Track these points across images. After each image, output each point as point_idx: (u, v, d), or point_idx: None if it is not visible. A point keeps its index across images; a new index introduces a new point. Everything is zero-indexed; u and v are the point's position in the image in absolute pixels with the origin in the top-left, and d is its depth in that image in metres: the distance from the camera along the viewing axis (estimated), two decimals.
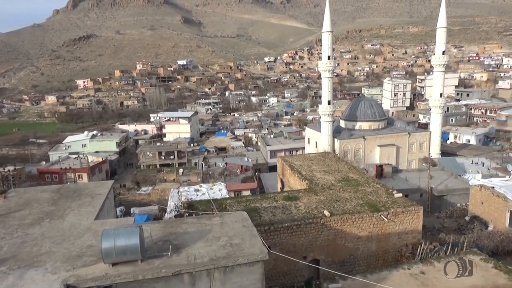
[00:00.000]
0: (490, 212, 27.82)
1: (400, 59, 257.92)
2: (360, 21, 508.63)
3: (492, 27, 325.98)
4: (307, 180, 26.44)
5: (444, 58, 59.32)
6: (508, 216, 25.75)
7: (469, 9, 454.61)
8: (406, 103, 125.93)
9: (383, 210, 20.98)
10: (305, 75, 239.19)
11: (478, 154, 59.74)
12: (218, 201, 23.53)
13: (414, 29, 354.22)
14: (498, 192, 27.19)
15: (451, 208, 36.74)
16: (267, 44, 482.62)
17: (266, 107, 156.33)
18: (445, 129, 73.62)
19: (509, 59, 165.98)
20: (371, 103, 63.13)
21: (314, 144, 60.65)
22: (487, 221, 27.87)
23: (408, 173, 50.16)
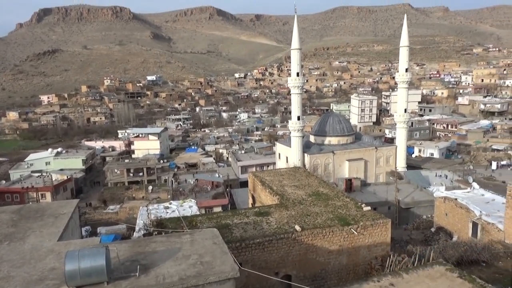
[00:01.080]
0: (454, 223, 28.77)
1: (366, 76, 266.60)
2: (327, 39, 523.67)
3: (451, 47, 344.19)
4: (278, 195, 26.49)
5: (407, 75, 61.86)
6: (470, 226, 26.70)
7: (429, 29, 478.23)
8: (372, 118, 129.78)
9: (352, 223, 21.26)
10: (275, 91, 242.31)
11: (441, 167, 62.09)
12: (188, 218, 23.11)
13: (379, 48, 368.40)
14: (461, 203, 28.21)
15: (417, 220, 37.75)
16: (237, 61, 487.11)
17: (237, 122, 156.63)
18: (410, 143, 76.17)
19: (466, 77, 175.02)
20: (340, 118, 64.58)
21: (284, 159, 61.10)
22: (452, 232, 28.78)
23: (376, 187, 51.33)
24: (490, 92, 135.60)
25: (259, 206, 27.76)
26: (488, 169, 59.32)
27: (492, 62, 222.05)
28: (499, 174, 54.95)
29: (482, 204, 27.74)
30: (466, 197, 29.21)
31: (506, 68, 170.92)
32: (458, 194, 30.60)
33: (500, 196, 28.33)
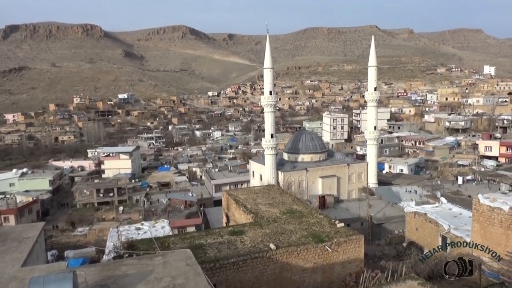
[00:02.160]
0: (424, 238, 29.40)
1: (337, 95, 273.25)
2: (299, 59, 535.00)
3: (416, 67, 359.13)
4: (252, 214, 26.35)
5: (376, 94, 63.81)
6: (440, 240, 27.35)
7: (395, 50, 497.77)
8: (344, 135, 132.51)
9: (326, 240, 21.36)
10: (249, 109, 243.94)
11: (411, 183, 63.69)
12: (160, 239, 22.56)
13: (349, 67, 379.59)
14: (430, 218, 28.93)
15: (389, 235, 38.33)
16: (211, 79, 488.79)
17: (210, 140, 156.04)
18: (380, 159, 77.98)
19: (432, 95, 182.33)
20: (312, 136, 65.53)
21: (258, 177, 61.08)
22: (423, 246, 29.36)
23: (349, 203, 51.96)
24: (454, 110, 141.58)
25: (233, 225, 27.49)
26: (455, 184, 61.32)
27: (455, 82, 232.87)
28: (465, 188, 56.88)
29: (450, 218, 28.55)
30: (435, 212, 30.00)
31: (468, 87, 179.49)
32: (427, 209, 31.37)
33: (467, 210, 29.26)
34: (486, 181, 61.61)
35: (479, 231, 22.98)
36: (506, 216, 21.14)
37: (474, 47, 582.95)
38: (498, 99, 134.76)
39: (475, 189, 52.94)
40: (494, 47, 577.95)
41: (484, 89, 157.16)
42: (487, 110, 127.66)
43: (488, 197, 22.79)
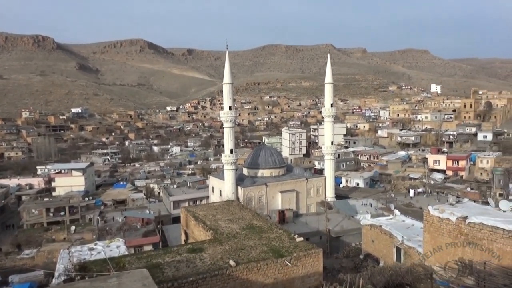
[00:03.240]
0: (380, 249, 30.26)
1: (296, 110, 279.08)
2: (258, 75, 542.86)
3: (370, 84, 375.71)
4: (211, 230, 25.97)
5: (332, 110, 65.88)
6: (395, 251, 28.27)
7: (350, 68, 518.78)
8: (302, 150, 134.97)
9: (286, 255, 21.42)
10: (208, 125, 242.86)
11: (366, 196, 65.78)
12: (115, 259, 21.61)
13: (306, 84, 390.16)
14: (385, 230, 29.88)
15: (347, 248, 39.11)
16: (169, 94, 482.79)
17: (169, 156, 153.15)
18: (337, 174, 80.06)
19: (384, 112, 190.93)
20: (271, 151, 66.21)
21: (218, 193, 60.55)
22: (378, 258, 30.19)
23: (308, 217, 52.66)
24: (405, 126, 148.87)
25: (192, 242, 26.92)
26: (407, 196, 64.09)
27: (406, 99, 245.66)
28: (416, 200, 59.59)
29: (404, 229, 29.64)
30: (389, 224, 31.02)
31: (417, 104, 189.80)
32: (382, 221, 32.38)
33: (419, 221, 30.52)
34: (435, 193, 64.91)
35: (429, 241, 24.00)
36: (453, 226, 22.27)
37: (421, 66, 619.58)
38: (444, 115, 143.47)
39: (426, 201, 55.60)
40: (440, 67, 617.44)
41: (432, 106, 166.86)
42: (435, 126, 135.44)
43: (437, 208, 23.93)
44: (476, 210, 23.44)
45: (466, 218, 21.67)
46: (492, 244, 20.09)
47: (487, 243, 20.37)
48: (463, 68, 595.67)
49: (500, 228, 19.94)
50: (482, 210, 23.59)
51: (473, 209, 23.47)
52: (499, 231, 19.91)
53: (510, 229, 19.59)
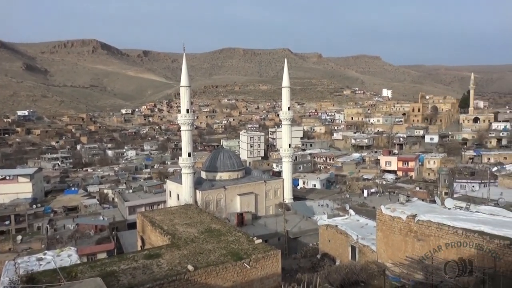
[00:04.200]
0: (336, 248, 31.13)
1: (254, 113, 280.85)
2: (216, 78, 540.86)
3: (325, 88, 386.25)
4: (169, 235, 25.48)
5: (289, 113, 66.96)
6: (350, 250, 29.19)
7: (307, 73, 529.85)
8: (261, 153, 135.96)
9: (245, 257, 21.45)
10: (165, 128, 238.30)
11: (323, 197, 67.44)
12: (67, 269, 20.59)
13: (264, 87, 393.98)
14: (341, 229, 30.79)
15: (305, 248, 39.85)
16: (124, 96, 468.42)
17: (124, 160, 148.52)
18: (295, 176, 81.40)
19: (339, 115, 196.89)
20: (230, 154, 66.12)
21: (176, 197, 59.55)
22: (335, 257, 31.02)
23: (267, 219, 53.08)
24: (358, 129, 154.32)
25: (149, 248, 26.24)
26: (361, 196, 66.41)
27: (359, 103, 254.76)
28: (370, 200, 61.91)
29: (358, 228, 30.68)
30: (344, 223, 31.99)
31: (370, 108, 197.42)
32: (338, 221, 33.33)
33: (372, 220, 31.71)
34: (387, 193, 67.78)
35: (382, 239, 25.03)
36: (404, 224, 23.38)
37: (373, 72, 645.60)
38: (395, 119, 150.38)
39: (378, 200, 57.89)
40: (390, 72, 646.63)
41: (383, 110, 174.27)
42: (386, 129, 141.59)
43: (389, 207, 25.02)
44: (424, 208, 24.78)
45: (415, 216, 22.83)
46: (439, 240, 21.30)
47: (435, 239, 21.56)
48: (411, 74, 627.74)
49: (446, 224, 21.20)
50: (430, 208, 24.98)
51: (421, 208, 24.78)
52: (445, 228, 21.15)
53: (455, 226, 20.88)
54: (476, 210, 23.61)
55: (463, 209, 23.98)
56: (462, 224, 20.72)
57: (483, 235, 19.38)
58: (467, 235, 19.98)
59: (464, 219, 21.52)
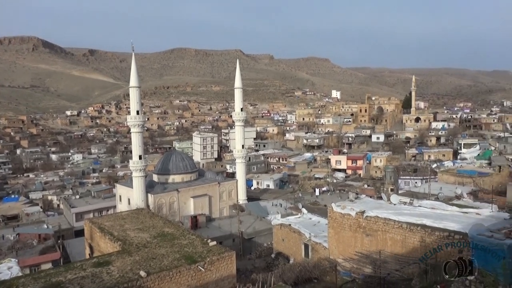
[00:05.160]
0: (290, 247, 31.68)
1: (206, 115, 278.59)
2: (167, 78, 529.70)
3: (277, 89, 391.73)
4: (119, 241, 24.62)
5: (242, 114, 67.22)
6: (303, 248, 29.84)
7: (259, 74, 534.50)
8: (214, 154, 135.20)
9: (199, 260, 21.25)
10: (114, 130, 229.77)
11: (277, 197, 68.33)
12: (6, 282, 19.27)
13: (216, 88, 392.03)
14: (294, 228, 31.38)
15: (259, 249, 40.14)
16: (69, 97, 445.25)
17: (70, 165, 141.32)
18: (248, 176, 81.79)
19: (291, 116, 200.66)
20: (183, 156, 65.18)
21: (126, 201, 57.65)
22: (289, 255, 31.57)
23: (221, 221, 52.85)
24: (310, 129, 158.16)
25: (98, 255, 25.18)
26: (313, 195, 68.08)
27: (310, 104, 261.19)
28: (322, 199, 63.62)
29: (311, 226, 31.44)
30: (297, 222, 32.65)
31: (320, 109, 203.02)
32: (291, 220, 33.95)
33: (324, 218, 32.62)
34: (338, 191, 70.04)
35: (334, 236, 25.84)
36: (353, 220, 24.30)
37: (323, 74, 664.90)
38: (344, 119, 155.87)
39: (329, 198, 59.64)
40: (339, 74, 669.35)
41: (333, 111, 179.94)
42: (336, 129, 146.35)
43: (339, 205, 25.90)
44: (372, 204, 25.91)
45: (364, 213, 23.81)
46: (386, 234, 22.38)
47: (382, 233, 22.62)
48: (358, 76, 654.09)
49: (392, 219, 22.31)
50: (377, 204, 26.16)
51: (369, 204, 25.89)
52: (391, 222, 22.25)
53: (400, 220, 22.04)
54: (418, 205, 25.06)
55: (407, 204, 25.37)
56: (406, 219, 21.90)
57: (425, 228, 20.62)
58: (411, 228, 21.16)
59: (408, 213, 22.77)
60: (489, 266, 14.05)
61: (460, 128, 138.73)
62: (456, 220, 20.80)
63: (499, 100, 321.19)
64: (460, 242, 17.75)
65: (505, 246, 13.95)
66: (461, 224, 19.66)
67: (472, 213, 22.47)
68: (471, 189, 44.89)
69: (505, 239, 14.43)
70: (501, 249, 13.96)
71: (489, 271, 13.93)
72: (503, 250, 13.86)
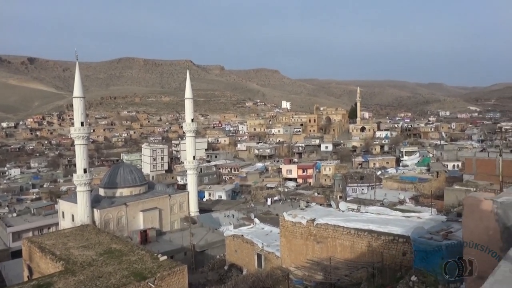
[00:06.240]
0: (242, 258, 31.53)
1: (156, 126, 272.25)
2: (114, 88, 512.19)
3: (228, 100, 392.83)
4: (62, 261, 23.16)
5: (193, 125, 66.50)
6: (256, 258, 29.82)
7: (209, 84, 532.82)
8: (164, 166, 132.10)
9: (149, 276, 20.53)
10: (56, 142, 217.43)
11: (229, 208, 67.95)
12: None
13: (166, 99, 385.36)
14: (247, 238, 31.32)
15: (212, 261, 39.53)
16: (5, 108, 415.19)
17: (6, 180, 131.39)
18: (200, 188, 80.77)
19: (242, 126, 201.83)
20: (131, 168, 63.05)
21: (70, 218, 54.51)
22: (242, 267, 31.39)
23: (172, 234, 51.55)
24: (261, 139, 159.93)
25: (38, 277, 23.49)
26: (265, 205, 68.59)
27: (261, 114, 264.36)
28: (274, 208, 64.21)
29: (263, 236, 31.55)
30: (250, 232, 32.63)
31: (271, 119, 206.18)
32: (243, 230, 33.85)
33: (276, 227, 32.90)
34: (289, 200, 71.12)
35: (285, 245, 26.10)
36: (304, 228, 24.73)
37: (273, 85, 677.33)
38: (294, 129, 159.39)
39: (281, 207, 60.32)
40: (289, 85, 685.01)
41: (283, 121, 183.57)
42: (286, 139, 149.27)
43: (291, 213, 26.26)
44: (322, 212, 26.55)
45: (314, 220, 24.33)
46: (335, 241, 22.99)
47: (332, 240, 23.21)
48: (307, 87, 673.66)
49: (341, 226, 22.98)
50: (327, 212, 26.85)
51: (319, 212, 26.52)
52: (340, 229, 22.91)
53: (348, 226, 22.76)
54: (365, 211, 26.07)
55: (355, 211, 26.30)
56: (354, 225, 22.66)
57: (372, 233, 21.45)
58: (359, 234, 21.92)
59: (356, 219, 23.58)
60: (429, 267, 14.88)
61: (402, 136, 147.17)
62: (399, 224, 21.86)
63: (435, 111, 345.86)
64: (403, 245, 18.67)
65: (443, 247, 14.87)
66: (404, 228, 20.69)
67: (414, 217, 23.74)
68: (413, 194, 47.60)
69: (443, 241, 15.39)
70: (439, 250, 14.85)
71: (430, 272, 14.74)
72: (442, 251, 14.76)
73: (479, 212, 5.13)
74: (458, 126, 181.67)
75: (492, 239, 5.02)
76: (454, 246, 14.50)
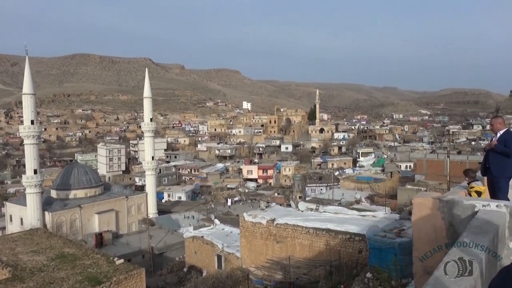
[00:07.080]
0: (202, 259, 31.26)
1: (113, 125, 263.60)
2: (68, 85, 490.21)
3: (188, 100, 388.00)
4: (9, 267, 21.88)
5: (152, 124, 65.11)
6: (216, 259, 29.68)
7: (169, 84, 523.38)
8: (122, 167, 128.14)
9: (105, 281, 19.89)
10: (3, 141, 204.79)
11: (189, 209, 67.16)
12: None
13: (124, 97, 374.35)
14: (207, 240, 31.09)
15: (171, 263, 38.92)
16: None
17: None
18: (159, 189, 79.15)
19: (203, 126, 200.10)
20: (86, 169, 60.76)
21: (18, 221, 51.62)
22: (202, 268, 31.11)
23: (129, 237, 50.23)
24: (222, 140, 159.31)
25: None
26: (226, 205, 68.45)
27: (222, 115, 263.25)
28: (234, 209, 64.24)
29: (224, 237, 31.47)
30: (210, 233, 32.43)
31: (232, 120, 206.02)
32: (203, 231, 33.59)
33: (236, 228, 32.93)
34: (249, 200, 71.43)
35: (246, 245, 26.19)
36: (264, 228, 24.94)
37: (234, 85, 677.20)
38: (254, 130, 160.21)
39: (242, 208, 60.39)
40: (249, 86, 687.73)
41: (244, 121, 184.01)
42: (247, 139, 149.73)
43: (251, 214, 26.40)
44: (282, 212, 26.93)
45: (274, 220, 24.61)
46: (295, 240, 23.38)
47: (291, 240, 23.58)
48: (268, 88, 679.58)
49: (300, 225, 23.42)
50: (287, 212, 27.27)
51: (279, 212, 26.87)
52: (299, 228, 23.33)
53: (307, 226, 23.23)
54: (324, 210, 26.73)
55: (314, 210, 26.89)
56: (313, 224, 23.17)
57: (330, 232, 22.03)
58: (317, 233, 22.43)
59: (314, 219, 24.11)
60: (383, 264, 15.52)
61: (358, 138, 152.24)
62: (355, 223, 22.61)
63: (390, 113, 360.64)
64: (359, 243, 19.33)
65: (396, 244, 15.56)
66: (360, 227, 21.42)
67: (369, 216, 24.64)
68: (369, 194, 49.40)
69: (396, 238, 16.11)
70: (392, 247, 15.53)
71: (384, 268, 15.38)
72: (395, 248, 15.44)
73: (427, 210, 5.46)
74: (411, 128, 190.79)
75: (438, 236, 5.35)
76: (406, 243, 15.21)
